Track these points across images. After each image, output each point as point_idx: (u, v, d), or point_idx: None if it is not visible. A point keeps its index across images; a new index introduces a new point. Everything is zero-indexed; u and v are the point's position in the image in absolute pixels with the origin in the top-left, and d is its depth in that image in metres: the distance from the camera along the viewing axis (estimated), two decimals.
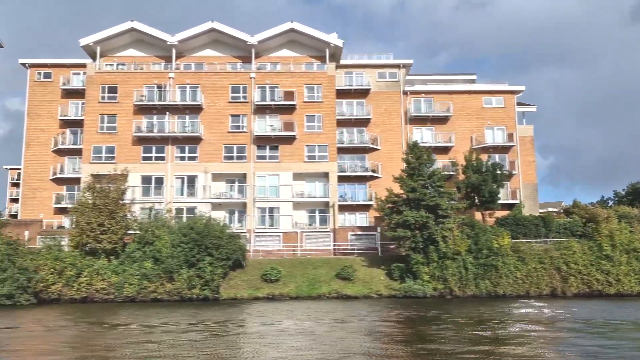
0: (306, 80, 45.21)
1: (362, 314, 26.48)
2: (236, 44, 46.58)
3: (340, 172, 44.95)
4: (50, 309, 29.97)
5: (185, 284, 33.04)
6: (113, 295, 33.21)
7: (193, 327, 22.12)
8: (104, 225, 34.30)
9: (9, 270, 30.99)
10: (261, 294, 34.57)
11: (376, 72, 48.87)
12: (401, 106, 48.65)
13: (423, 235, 34.31)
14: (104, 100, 44.42)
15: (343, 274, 35.74)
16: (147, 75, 44.93)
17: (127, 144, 43.88)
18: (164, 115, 44.32)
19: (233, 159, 44.05)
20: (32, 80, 47.76)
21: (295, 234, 42.68)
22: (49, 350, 17.06)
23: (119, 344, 17.83)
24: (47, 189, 46.31)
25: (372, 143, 47.33)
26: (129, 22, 45.18)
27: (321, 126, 44.65)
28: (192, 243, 34.00)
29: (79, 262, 34.07)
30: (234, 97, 44.81)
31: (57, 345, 17.86)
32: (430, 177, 36.03)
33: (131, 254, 34.35)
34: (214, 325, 22.53)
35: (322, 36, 45.61)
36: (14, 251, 32.33)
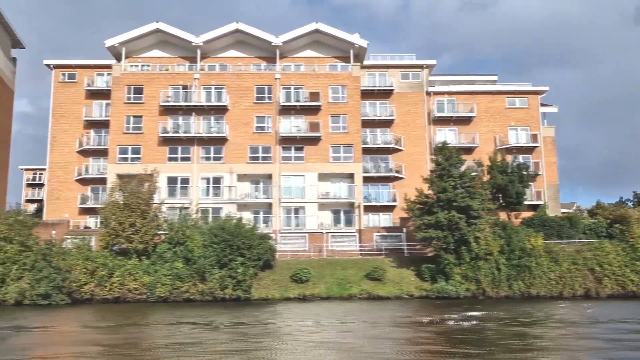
0: (331, 80, 45.22)
1: (421, 313, 25.98)
2: (260, 44, 46.63)
3: (363, 173, 44.92)
4: (96, 308, 30.11)
5: (217, 284, 33.07)
6: (145, 296, 33.25)
7: (256, 326, 22.38)
8: (135, 225, 34.35)
9: (45, 270, 31.10)
10: (292, 294, 34.56)
11: (399, 72, 48.84)
12: (424, 107, 48.60)
13: (454, 236, 34.22)
14: (130, 100, 44.56)
15: (373, 275, 35.69)
16: (172, 76, 45.05)
17: (153, 144, 43.98)
18: (189, 116, 44.41)
19: (258, 160, 44.10)
20: (57, 81, 47.96)
21: (321, 234, 42.68)
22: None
23: (227, 340, 17.99)
24: (72, 190, 46.45)
25: (396, 144, 47.29)
26: (154, 23, 45.31)
27: (346, 127, 44.64)
28: (223, 243, 34.04)
29: (110, 262, 34.12)
30: (259, 97, 44.86)
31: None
32: (461, 177, 35.92)
33: (162, 254, 34.38)
34: (284, 324, 22.79)
35: (346, 37, 45.61)
36: (49, 251, 32.40)
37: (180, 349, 16.10)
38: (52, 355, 16.03)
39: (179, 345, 16.87)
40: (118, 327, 22.47)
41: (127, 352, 15.83)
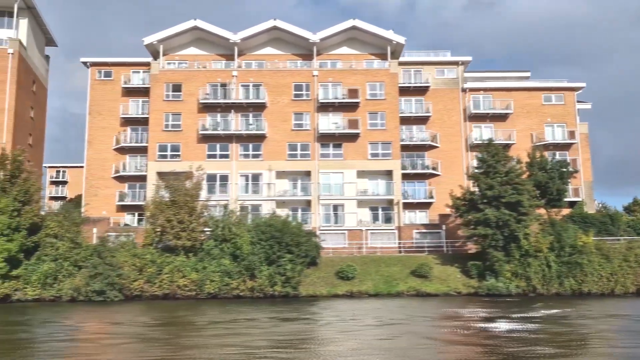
0: (368, 77, 45.13)
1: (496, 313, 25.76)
2: (297, 41, 46.60)
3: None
4: (164, 305, 30.33)
5: (267, 281, 33.13)
6: (195, 292, 33.36)
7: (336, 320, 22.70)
8: (184, 222, 34.43)
9: (99, 266, 31.27)
10: (340, 291, 34.58)
11: (434, 69, 48.71)
12: (460, 103, 48.44)
13: (503, 233, 34.09)
14: (168, 98, 44.69)
15: (419, 272, 35.65)
16: (211, 74, 45.11)
17: (192, 142, 44.10)
18: (227, 113, 44.48)
19: (297, 157, 44.10)
20: (93, 79, 48.11)
21: (360, 231, 42.66)
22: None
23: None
24: (109, 187, 46.62)
25: (432, 140, 47.16)
26: (192, 20, 45.38)
27: (384, 124, 44.56)
28: (271, 240, 34.09)
29: (157, 259, 34.25)
30: (297, 94, 44.87)
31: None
32: (507, 174, 35.77)
33: (210, 251, 34.47)
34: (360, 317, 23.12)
35: (384, 33, 45.49)
36: (103, 247, 32.58)
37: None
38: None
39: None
40: (256, 322, 22.91)
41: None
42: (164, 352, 15.80)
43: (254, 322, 22.82)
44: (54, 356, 15.58)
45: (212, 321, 23.58)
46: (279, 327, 21.76)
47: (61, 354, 15.98)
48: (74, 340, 18.90)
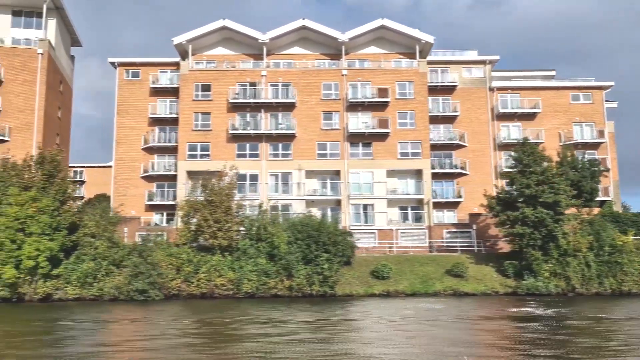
0: (397, 77, 45.05)
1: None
2: (325, 41, 46.58)
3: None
4: (210, 303, 30.38)
5: (305, 280, 33.12)
6: (232, 292, 33.38)
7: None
8: (220, 221, 34.46)
9: (141, 265, 31.34)
10: (376, 290, 34.52)
11: (462, 68, 48.60)
12: (487, 102, 48.30)
13: (541, 232, 33.95)
14: (198, 98, 44.76)
15: (455, 271, 35.55)
16: (240, 73, 45.16)
17: (222, 141, 44.15)
18: (256, 113, 44.52)
19: (326, 156, 44.09)
20: (121, 79, 48.22)
21: (390, 231, 42.60)
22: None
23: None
24: (138, 187, 46.71)
25: (460, 140, 47.05)
26: (221, 20, 45.42)
27: (414, 123, 44.48)
28: (307, 240, 34.08)
29: (193, 258, 34.30)
30: (326, 94, 44.87)
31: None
32: (543, 173, 35.62)
33: (246, 251, 34.48)
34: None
35: (413, 32, 45.40)
36: (145, 247, 32.65)
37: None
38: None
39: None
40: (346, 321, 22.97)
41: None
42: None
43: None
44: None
45: (328, 320, 23.52)
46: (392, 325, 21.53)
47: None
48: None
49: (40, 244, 30.02)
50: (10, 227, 29.93)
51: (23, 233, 30.30)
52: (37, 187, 32.35)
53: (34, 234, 30.26)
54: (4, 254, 29.64)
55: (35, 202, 31.08)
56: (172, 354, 15.35)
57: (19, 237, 30.02)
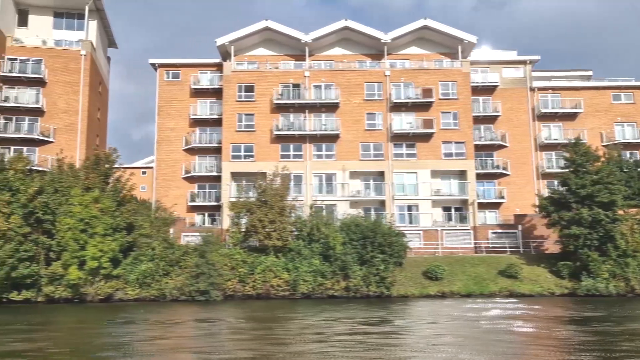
0: (441, 77, 44.98)
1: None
2: (366, 41, 46.59)
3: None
4: (279, 303, 30.36)
5: (362, 281, 33.10)
6: (288, 292, 33.37)
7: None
8: (275, 222, 34.47)
9: (202, 266, 31.39)
10: (431, 291, 34.44)
11: (502, 68, 48.48)
12: (528, 103, 48.15)
13: (598, 232, 33.80)
14: (241, 99, 44.82)
15: (509, 272, 35.41)
16: (283, 74, 45.20)
17: (265, 142, 44.19)
18: (299, 114, 44.56)
19: (370, 157, 44.06)
20: (161, 80, 48.34)
21: (436, 231, 42.51)
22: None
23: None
24: (179, 187, 46.80)
25: (501, 140, 46.92)
26: (264, 21, 45.50)
27: (457, 123, 44.40)
28: (362, 240, 34.06)
29: (247, 258, 34.33)
30: (369, 94, 44.84)
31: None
32: (597, 173, 35.46)
33: (300, 251, 34.47)
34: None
35: (455, 32, 45.33)
36: (206, 247, 32.70)
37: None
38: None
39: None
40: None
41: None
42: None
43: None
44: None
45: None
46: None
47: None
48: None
49: (105, 244, 30.12)
50: (74, 228, 30.02)
51: (86, 234, 30.37)
52: (98, 187, 32.46)
53: (97, 234, 30.35)
54: (68, 254, 29.75)
55: (97, 202, 31.17)
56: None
57: (82, 238, 30.12)
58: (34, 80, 44.47)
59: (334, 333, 18.97)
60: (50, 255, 30.90)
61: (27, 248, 29.85)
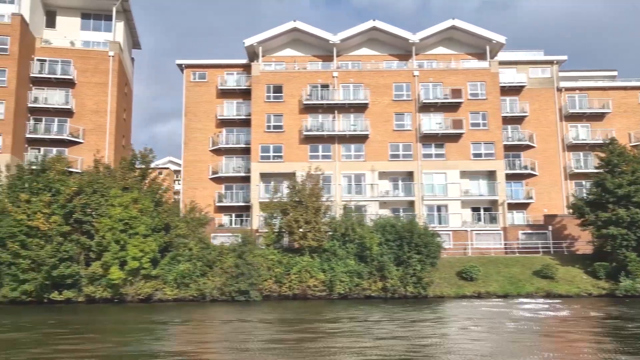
0: (469, 77, 44.89)
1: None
2: (394, 42, 46.55)
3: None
4: (324, 305, 30.23)
5: (399, 281, 33.03)
6: (325, 292, 33.32)
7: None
8: (311, 222, 34.43)
9: (242, 266, 31.39)
10: (467, 292, 34.31)
11: (528, 68, 48.36)
12: (555, 103, 48.00)
13: (636, 233, 33.62)
14: (269, 99, 44.85)
15: (544, 273, 35.22)
16: (311, 75, 45.21)
17: (294, 142, 44.20)
18: (328, 114, 44.56)
19: (399, 157, 43.99)
20: (188, 81, 48.44)
21: (465, 232, 42.40)
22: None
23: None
24: (206, 188, 46.87)
25: (529, 140, 46.77)
26: (292, 22, 45.54)
27: (486, 123, 44.29)
28: (399, 241, 33.98)
29: (282, 259, 34.29)
30: (397, 95, 44.80)
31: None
32: (634, 173, 35.27)
33: (335, 252, 34.40)
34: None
35: (484, 33, 45.25)
36: (245, 248, 32.69)
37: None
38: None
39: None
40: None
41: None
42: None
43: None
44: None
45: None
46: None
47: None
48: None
49: (146, 244, 30.16)
50: (115, 228, 30.08)
51: (126, 234, 30.42)
52: (136, 188, 32.54)
53: (138, 235, 30.39)
54: (110, 254, 29.79)
55: (136, 203, 31.23)
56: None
57: (122, 238, 30.17)
58: (63, 81, 44.66)
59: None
60: (90, 255, 30.95)
61: (67, 248, 29.92)
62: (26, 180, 31.55)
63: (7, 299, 30.27)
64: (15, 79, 41.43)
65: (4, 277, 29.88)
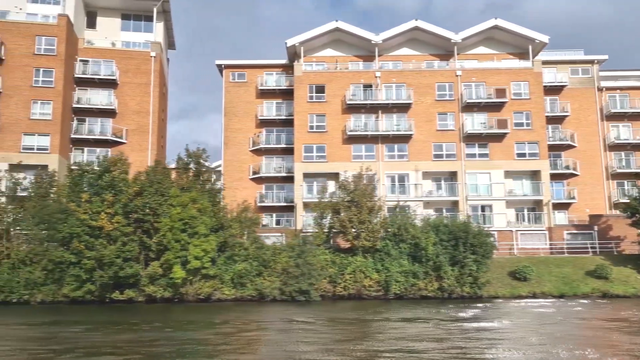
0: (512, 77, 44.74)
1: None
2: (435, 42, 46.47)
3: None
4: (397, 305, 30.23)
5: (455, 281, 32.94)
6: (380, 293, 33.25)
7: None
8: (365, 222, 34.38)
9: (302, 266, 31.37)
10: (523, 292, 34.18)
11: (569, 68, 48.19)
12: (596, 103, 47.79)
13: None
14: (312, 100, 44.84)
15: (598, 273, 35.07)
16: (353, 75, 45.17)
17: (337, 143, 44.16)
18: (371, 114, 44.51)
19: (442, 157, 43.89)
20: (227, 82, 48.50)
21: (510, 232, 42.25)
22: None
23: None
24: (246, 188, 46.84)
25: (570, 140, 46.59)
26: (334, 22, 45.51)
27: (530, 123, 44.12)
28: (454, 241, 33.89)
29: (335, 259, 34.24)
30: (440, 95, 44.70)
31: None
32: None
33: (389, 252, 34.33)
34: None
35: (527, 32, 45.07)
36: (305, 247, 32.66)
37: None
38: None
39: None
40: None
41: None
42: None
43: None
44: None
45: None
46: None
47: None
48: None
49: (208, 244, 30.19)
50: (176, 228, 30.11)
51: (185, 234, 30.45)
52: (194, 188, 32.59)
53: (198, 234, 30.42)
54: (171, 254, 29.84)
55: (195, 203, 31.26)
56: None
57: (183, 238, 30.20)
58: (106, 81, 44.83)
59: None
60: (149, 255, 31.00)
61: (130, 248, 29.98)
62: (87, 180, 31.65)
63: (68, 299, 30.40)
64: (62, 80, 41.59)
65: (66, 276, 29.94)
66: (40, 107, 40.98)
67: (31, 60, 41.30)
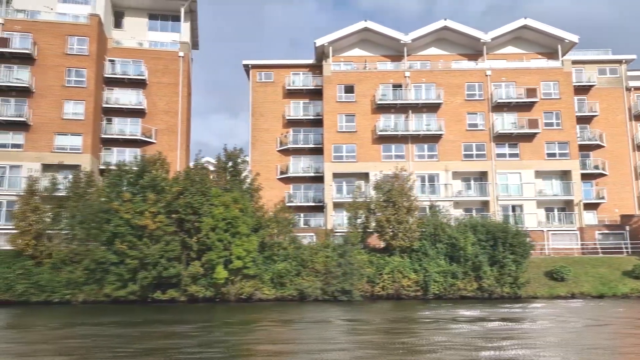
0: (542, 76, 44.66)
1: None
2: (464, 41, 46.42)
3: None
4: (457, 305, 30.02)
5: (495, 281, 32.83)
6: (420, 293, 33.15)
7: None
8: (402, 222, 34.29)
9: (344, 266, 31.30)
10: (561, 292, 34.08)
11: (596, 67, 48.06)
12: (624, 102, 47.67)
13: None
14: (341, 99, 44.78)
15: (636, 273, 34.94)
16: (382, 75, 45.12)
17: (367, 142, 44.11)
18: (401, 114, 44.45)
19: (472, 157, 43.82)
20: (254, 82, 48.49)
21: (541, 232, 42.13)
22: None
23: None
24: (274, 188, 46.72)
25: (599, 140, 46.48)
26: (363, 22, 45.51)
27: (560, 123, 44.05)
28: (492, 241, 33.78)
29: (372, 259, 34.15)
30: (470, 94, 44.62)
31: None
32: None
33: (426, 252, 34.24)
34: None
35: (556, 32, 45.00)
36: (347, 247, 32.58)
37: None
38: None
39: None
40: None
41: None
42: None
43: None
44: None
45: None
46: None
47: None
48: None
49: (249, 244, 30.14)
50: (219, 228, 30.05)
51: (228, 233, 30.38)
52: (236, 188, 32.54)
53: (240, 234, 30.36)
54: (214, 254, 29.77)
55: (236, 203, 31.20)
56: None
57: (225, 237, 30.13)
58: (135, 81, 44.80)
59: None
60: (190, 255, 30.93)
61: (173, 247, 29.93)
62: (127, 179, 31.63)
63: (109, 298, 30.33)
64: (94, 79, 41.59)
65: (108, 276, 29.89)
66: (72, 107, 40.98)
67: (63, 60, 41.29)
